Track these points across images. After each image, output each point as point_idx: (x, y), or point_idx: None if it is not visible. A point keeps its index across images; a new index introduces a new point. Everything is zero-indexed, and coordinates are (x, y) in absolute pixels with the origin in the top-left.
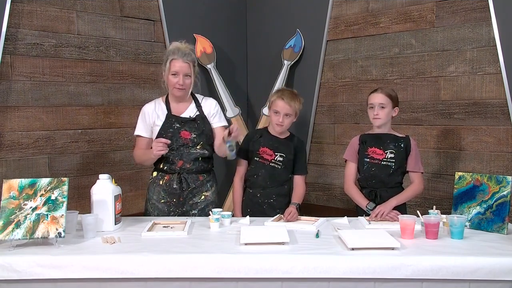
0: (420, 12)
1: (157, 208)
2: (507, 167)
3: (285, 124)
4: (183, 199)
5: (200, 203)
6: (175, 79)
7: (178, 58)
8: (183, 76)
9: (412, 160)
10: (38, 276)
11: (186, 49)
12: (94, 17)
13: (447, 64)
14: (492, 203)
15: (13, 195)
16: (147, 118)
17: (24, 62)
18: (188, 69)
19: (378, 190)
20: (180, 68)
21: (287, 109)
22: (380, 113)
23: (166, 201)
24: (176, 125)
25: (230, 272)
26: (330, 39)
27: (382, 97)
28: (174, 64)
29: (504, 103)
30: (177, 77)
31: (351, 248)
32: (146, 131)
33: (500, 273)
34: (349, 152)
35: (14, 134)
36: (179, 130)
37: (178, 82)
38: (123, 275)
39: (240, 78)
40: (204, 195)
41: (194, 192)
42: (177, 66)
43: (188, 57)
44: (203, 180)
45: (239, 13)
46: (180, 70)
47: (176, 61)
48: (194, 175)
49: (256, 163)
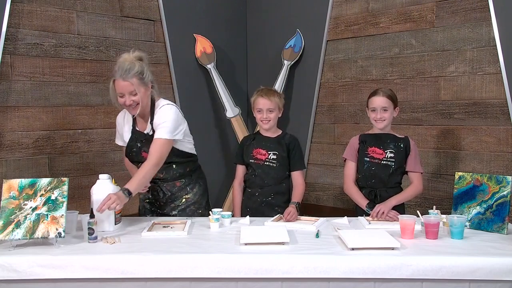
0: (420, 12)
1: (144, 207)
2: (507, 167)
3: (271, 120)
4: (164, 204)
5: (180, 205)
6: (122, 99)
7: (118, 78)
8: (128, 95)
9: (411, 160)
10: (38, 276)
11: (126, 63)
12: (94, 17)
13: (447, 64)
14: (492, 203)
15: (13, 195)
16: (119, 128)
17: (24, 62)
18: (130, 87)
19: (377, 190)
20: (122, 88)
21: (268, 104)
22: (383, 115)
23: (150, 201)
24: (138, 145)
25: (230, 272)
26: (330, 39)
27: (384, 100)
28: (116, 84)
29: (504, 103)
30: (123, 97)
31: (351, 248)
32: (120, 139)
33: (500, 273)
34: (348, 151)
35: (14, 134)
36: (140, 150)
37: (125, 102)
38: (123, 275)
39: (240, 78)
40: (185, 198)
41: (173, 197)
42: (119, 87)
43: (128, 74)
44: (181, 185)
45: (239, 13)
46: (123, 90)
47: (117, 81)
48: (170, 183)
49: (252, 165)
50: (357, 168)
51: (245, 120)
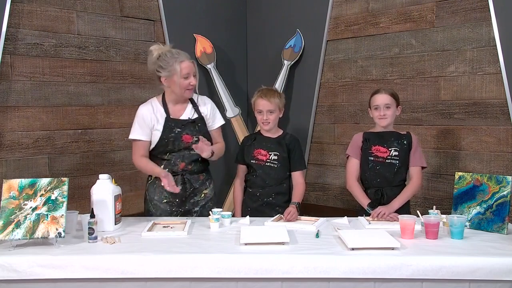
0: (420, 12)
1: (160, 208)
2: (507, 167)
3: (271, 121)
4: (185, 199)
5: (200, 201)
6: (187, 80)
7: (184, 59)
8: (193, 76)
9: (412, 155)
10: (38, 276)
11: (181, 51)
12: (94, 17)
13: (447, 64)
14: (492, 203)
15: (13, 195)
16: (147, 121)
17: (24, 62)
18: (194, 68)
19: (383, 189)
20: (190, 68)
21: (268, 106)
22: (387, 113)
23: (168, 201)
24: (177, 130)
25: (230, 272)
26: (330, 39)
27: (387, 97)
28: (183, 66)
29: (504, 103)
30: (188, 78)
31: (351, 248)
32: (144, 134)
33: (500, 273)
34: (351, 148)
35: (14, 134)
36: (181, 134)
37: (191, 83)
38: (123, 275)
39: (240, 78)
40: (204, 193)
41: (196, 191)
42: (188, 68)
43: (190, 57)
44: (203, 179)
45: (239, 13)
46: (191, 70)
47: (184, 62)
48: (195, 176)
49: (253, 165)
50: (361, 167)
51: (245, 120)
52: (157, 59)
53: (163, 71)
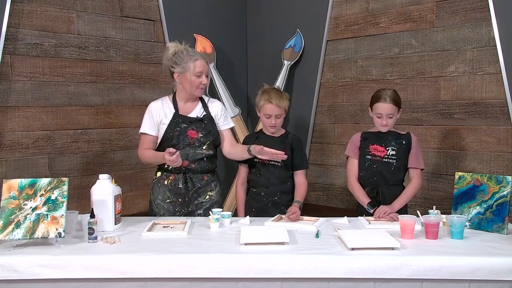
0: (420, 12)
1: (163, 208)
2: (507, 167)
3: (278, 124)
4: (189, 199)
5: (205, 203)
6: (199, 79)
7: (199, 58)
8: (205, 75)
9: (412, 156)
10: (38, 276)
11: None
12: (94, 17)
13: (447, 64)
14: (492, 203)
15: (13, 195)
16: (155, 115)
17: (24, 62)
18: (207, 68)
19: (379, 187)
20: (204, 67)
21: (278, 111)
22: (389, 121)
23: (171, 201)
24: (183, 125)
25: (230, 272)
26: (330, 39)
27: (390, 107)
28: (197, 64)
29: (504, 103)
30: (201, 77)
31: (351, 248)
32: (152, 129)
33: (500, 273)
34: (350, 148)
35: (14, 134)
36: (186, 129)
37: (202, 81)
38: (123, 275)
39: (240, 78)
40: (209, 195)
41: (199, 192)
42: (201, 66)
43: (204, 56)
44: (208, 180)
45: (239, 13)
46: (204, 69)
47: (198, 61)
48: (199, 175)
49: (256, 165)
50: (359, 165)
51: (245, 120)
52: (172, 55)
53: (177, 67)
